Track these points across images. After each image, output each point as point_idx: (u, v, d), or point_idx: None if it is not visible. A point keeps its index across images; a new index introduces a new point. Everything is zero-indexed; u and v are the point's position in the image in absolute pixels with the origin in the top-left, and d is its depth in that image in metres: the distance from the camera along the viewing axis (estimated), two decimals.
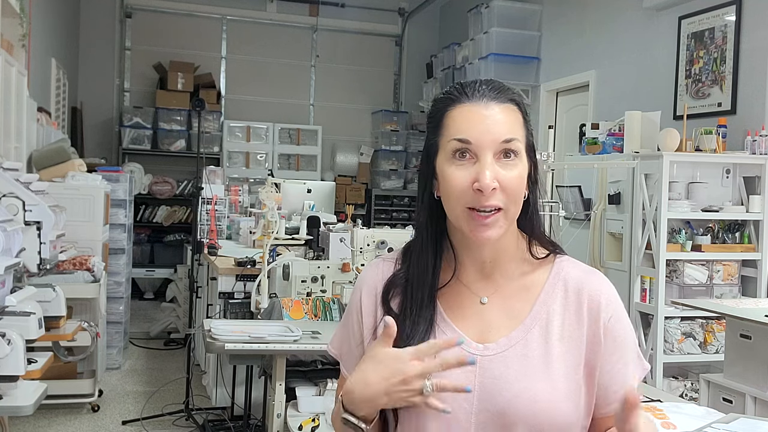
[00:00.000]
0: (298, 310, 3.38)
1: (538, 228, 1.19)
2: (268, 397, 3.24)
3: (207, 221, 5.66)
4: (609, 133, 4.62)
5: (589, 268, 1.20)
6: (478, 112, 1.11)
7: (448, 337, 1.11)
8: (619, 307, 1.17)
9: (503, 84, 1.15)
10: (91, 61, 8.35)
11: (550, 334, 1.12)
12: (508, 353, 1.11)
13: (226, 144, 8.46)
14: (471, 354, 1.09)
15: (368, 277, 1.23)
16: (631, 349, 1.16)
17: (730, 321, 3.44)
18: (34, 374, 2.69)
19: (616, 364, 1.14)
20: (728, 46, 4.52)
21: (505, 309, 1.15)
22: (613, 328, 1.14)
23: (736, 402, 3.30)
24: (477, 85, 1.13)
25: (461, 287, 1.17)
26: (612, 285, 1.19)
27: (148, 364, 5.70)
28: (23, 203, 3.02)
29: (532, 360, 1.10)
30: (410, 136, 9.08)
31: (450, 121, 1.13)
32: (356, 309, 1.22)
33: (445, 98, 1.15)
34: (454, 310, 1.16)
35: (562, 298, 1.15)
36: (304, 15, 9.06)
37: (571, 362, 1.11)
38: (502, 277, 1.17)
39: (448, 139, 1.12)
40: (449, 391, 1.04)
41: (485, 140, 1.09)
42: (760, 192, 4.10)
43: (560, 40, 6.50)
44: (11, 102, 4.21)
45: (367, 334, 1.19)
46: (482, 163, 1.09)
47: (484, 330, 1.14)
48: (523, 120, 1.15)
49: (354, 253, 3.29)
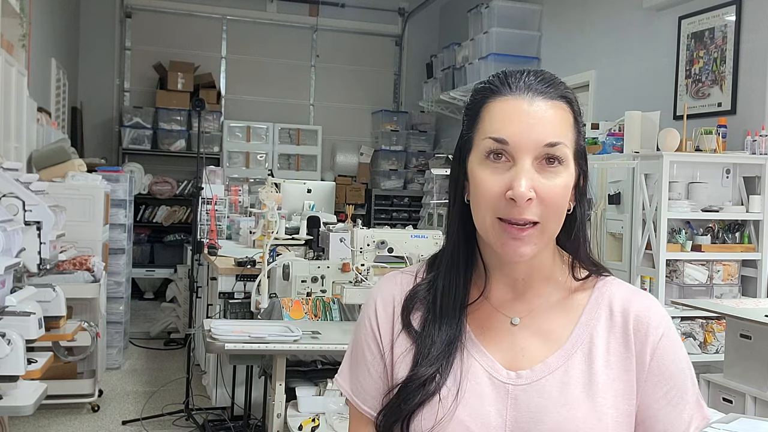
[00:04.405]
0: (298, 310, 3.38)
1: (584, 248, 1.03)
2: (268, 397, 3.24)
3: (207, 221, 5.65)
4: (609, 133, 4.62)
5: (636, 288, 1.05)
6: (520, 108, 0.95)
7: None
8: (673, 331, 1.01)
9: (555, 76, 0.99)
10: (91, 61, 8.35)
11: (594, 359, 0.98)
12: (545, 381, 0.97)
13: (226, 144, 8.46)
14: (502, 384, 0.98)
15: (384, 288, 1.09)
16: (686, 387, 0.99)
17: (730, 321, 3.44)
18: (34, 374, 2.69)
19: (661, 400, 0.98)
20: (728, 46, 4.52)
21: (541, 333, 1.01)
22: (663, 354, 0.98)
23: (736, 402, 3.30)
24: (523, 76, 0.97)
25: (489, 306, 1.03)
26: (664, 309, 1.04)
27: (148, 364, 5.70)
28: (23, 203, 3.02)
29: (573, 388, 0.96)
30: (410, 136, 9.08)
31: (486, 115, 0.97)
32: (371, 322, 1.07)
33: (485, 88, 1.00)
34: (483, 330, 1.02)
35: (606, 320, 1.00)
36: (304, 15, 9.06)
37: (620, 390, 0.97)
38: (537, 298, 1.02)
39: (482, 136, 0.97)
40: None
41: (525, 142, 0.93)
42: (760, 192, 4.10)
43: (560, 40, 6.50)
44: (11, 102, 4.21)
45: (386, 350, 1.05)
46: (519, 169, 0.93)
47: (516, 355, 1.00)
48: (574, 121, 1.00)
49: (354, 253, 3.28)
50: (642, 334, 0.98)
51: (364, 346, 1.07)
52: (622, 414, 0.96)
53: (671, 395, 0.98)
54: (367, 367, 1.06)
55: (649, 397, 0.97)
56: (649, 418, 0.98)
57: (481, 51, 6.90)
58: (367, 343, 1.07)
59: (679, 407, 0.98)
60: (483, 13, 6.92)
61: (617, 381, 0.97)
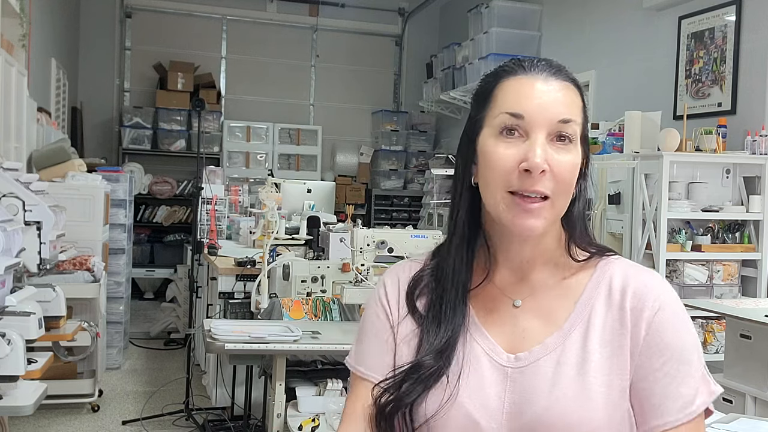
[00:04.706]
0: (298, 310, 3.38)
1: (583, 227, 1.06)
2: (268, 397, 3.24)
3: (207, 221, 5.65)
4: (609, 133, 4.62)
5: (639, 265, 1.05)
6: (535, 86, 0.99)
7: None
8: (672, 305, 0.99)
9: (563, 65, 1.05)
10: (91, 61, 8.35)
11: (590, 337, 0.99)
12: (541, 362, 0.99)
13: (226, 144, 8.46)
14: (502, 367, 1.01)
15: (393, 273, 1.12)
16: (688, 360, 0.98)
17: (730, 321, 3.44)
18: (34, 374, 2.69)
19: (657, 373, 0.97)
20: (728, 46, 4.52)
21: (542, 314, 1.03)
22: (660, 327, 0.97)
23: (736, 402, 3.30)
24: (535, 60, 1.03)
25: (494, 289, 1.06)
26: (668, 284, 1.03)
27: (148, 364, 5.70)
28: (23, 203, 3.01)
29: (567, 368, 0.98)
30: (410, 136, 9.08)
31: (501, 93, 1.01)
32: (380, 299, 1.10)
33: (498, 71, 1.04)
34: (486, 313, 1.05)
35: (605, 298, 1.01)
36: (304, 15, 9.06)
37: (615, 367, 0.97)
38: (539, 280, 1.05)
39: (497, 113, 1.00)
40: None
41: (541, 116, 0.97)
42: (760, 192, 4.10)
43: (560, 40, 6.50)
44: (11, 102, 4.21)
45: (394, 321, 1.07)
46: (533, 141, 0.97)
47: (517, 338, 1.03)
48: (582, 105, 1.04)
49: (354, 253, 3.28)
50: (638, 309, 0.99)
51: (374, 317, 1.10)
52: (616, 390, 0.97)
53: (668, 367, 0.97)
54: (375, 332, 1.09)
55: (644, 369, 0.97)
56: (644, 390, 0.97)
57: (481, 51, 6.90)
58: (377, 314, 1.10)
59: (678, 380, 0.97)
60: (483, 13, 6.92)
61: (612, 358, 0.98)
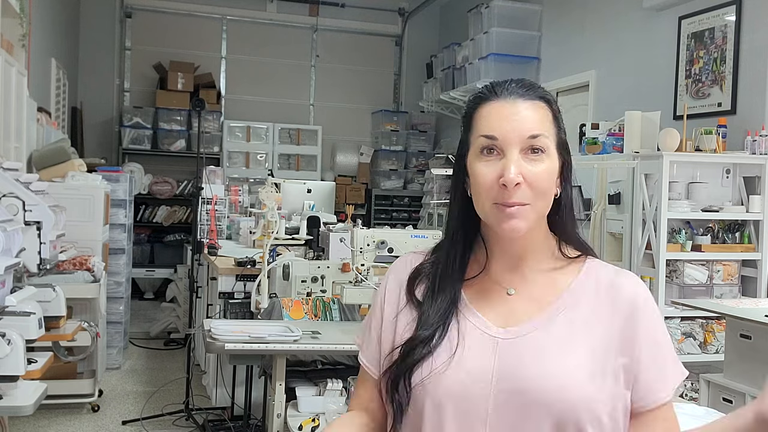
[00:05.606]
0: (298, 310, 3.38)
1: (571, 228, 1.20)
2: (268, 397, 3.24)
3: (207, 221, 5.66)
4: (609, 133, 4.61)
5: (621, 269, 1.20)
6: (505, 109, 1.14)
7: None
8: (655, 306, 1.17)
9: (534, 83, 1.18)
10: (91, 61, 8.35)
11: (576, 318, 1.13)
12: (529, 337, 1.12)
13: (226, 144, 8.46)
14: (491, 336, 1.13)
15: (397, 267, 1.28)
16: (669, 350, 1.16)
17: (730, 321, 3.44)
18: (34, 374, 2.69)
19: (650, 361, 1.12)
20: (728, 46, 4.52)
21: (532, 299, 1.17)
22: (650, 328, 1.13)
23: (736, 402, 3.30)
24: (507, 84, 1.16)
25: (489, 280, 1.20)
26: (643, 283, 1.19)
27: (148, 364, 5.70)
28: (23, 203, 3.02)
29: (553, 341, 1.11)
30: (410, 136, 9.08)
31: (478, 118, 1.16)
32: (381, 296, 1.26)
33: (477, 97, 1.19)
34: (480, 299, 1.19)
35: (593, 291, 1.16)
36: (304, 15, 9.06)
37: (598, 344, 1.11)
38: (531, 272, 1.18)
39: (477, 136, 1.15)
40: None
41: (511, 136, 1.11)
42: (760, 192, 4.10)
43: (560, 40, 6.50)
44: (11, 102, 4.21)
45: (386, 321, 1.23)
46: (507, 159, 1.11)
47: (508, 317, 1.15)
48: (554, 117, 1.16)
49: (354, 253, 3.28)
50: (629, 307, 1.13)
51: (377, 309, 1.26)
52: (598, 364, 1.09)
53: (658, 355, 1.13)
54: (371, 331, 1.26)
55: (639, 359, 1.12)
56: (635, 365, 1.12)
57: (481, 51, 6.90)
58: (374, 312, 1.27)
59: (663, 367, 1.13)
60: (483, 13, 6.92)
61: (596, 337, 1.12)
